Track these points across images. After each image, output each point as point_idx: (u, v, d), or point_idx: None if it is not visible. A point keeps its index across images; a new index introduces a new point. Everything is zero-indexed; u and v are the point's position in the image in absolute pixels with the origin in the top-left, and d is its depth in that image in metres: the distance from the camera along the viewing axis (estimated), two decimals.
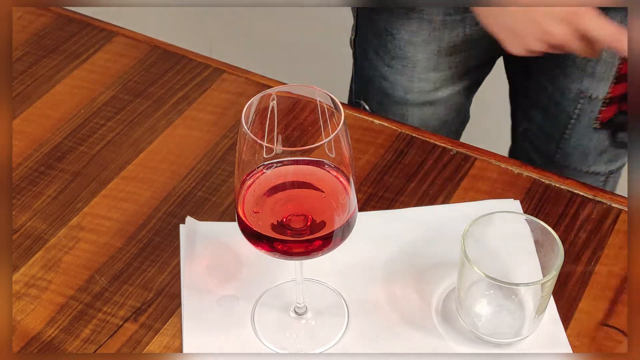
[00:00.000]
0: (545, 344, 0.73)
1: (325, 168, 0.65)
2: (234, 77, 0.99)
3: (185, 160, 0.89)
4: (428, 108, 1.10)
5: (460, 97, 1.11)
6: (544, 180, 0.86)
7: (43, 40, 1.04)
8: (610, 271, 0.78)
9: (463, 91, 1.11)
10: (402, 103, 1.10)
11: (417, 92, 1.08)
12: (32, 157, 0.90)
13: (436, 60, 1.04)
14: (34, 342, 0.74)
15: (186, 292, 0.77)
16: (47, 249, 0.81)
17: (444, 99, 1.10)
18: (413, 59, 1.05)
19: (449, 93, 1.09)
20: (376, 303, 0.76)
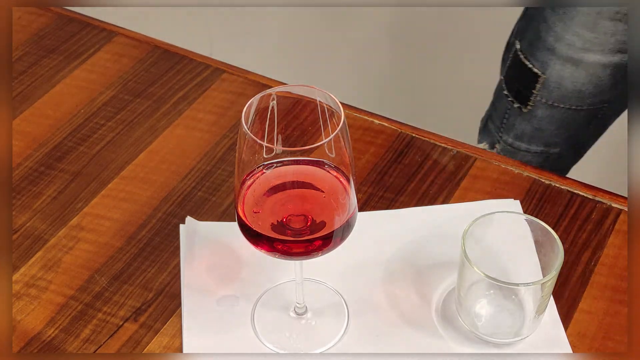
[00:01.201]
0: (545, 344, 0.73)
1: (325, 168, 0.65)
2: (234, 77, 0.99)
3: (185, 160, 0.89)
4: (569, 67, 1.07)
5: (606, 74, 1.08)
6: (544, 180, 0.86)
7: (43, 40, 1.04)
8: (610, 271, 0.78)
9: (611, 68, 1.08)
10: (549, 50, 1.08)
11: (565, 45, 1.06)
12: (32, 157, 0.90)
13: (594, 21, 1.02)
14: (34, 342, 0.74)
15: (186, 292, 0.77)
16: (47, 249, 0.81)
17: (589, 65, 1.07)
18: (570, 11, 1.03)
19: (596, 60, 1.06)
20: (376, 303, 0.76)
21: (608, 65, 1.07)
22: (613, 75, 1.08)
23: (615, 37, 1.04)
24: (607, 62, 1.07)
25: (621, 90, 1.11)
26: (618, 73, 1.08)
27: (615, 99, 1.12)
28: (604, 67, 1.07)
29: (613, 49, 1.05)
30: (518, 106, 1.13)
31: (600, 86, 1.09)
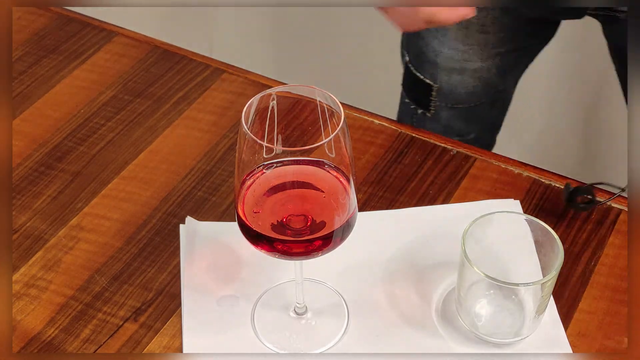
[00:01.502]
0: (545, 344, 0.73)
1: (325, 168, 0.65)
2: (234, 77, 0.99)
3: (185, 160, 0.89)
4: (456, 76, 1.11)
5: (490, 74, 1.12)
6: (544, 180, 0.86)
7: (43, 40, 1.04)
8: (610, 271, 0.78)
9: (495, 69, 1.11)
10: (432, 63, 1.11)
11: (445, 57, 1.09)
12: (32, 157, 0.90)
13: (466, 33, 1.06)
14: (34, 342, 0.74)
15: (186, 292, 0.77)
16: (47, 249, 0.81)
17: (474, 71, 1.11)
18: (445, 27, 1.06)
19: (479, 67, 1.10)
20: (376, 303, 0.76)
21: (491, 67, 1.11)
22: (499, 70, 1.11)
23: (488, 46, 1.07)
24: (489, 65, 1.10)
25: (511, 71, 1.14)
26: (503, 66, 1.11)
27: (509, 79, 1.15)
28: (487, 69, 1.11)
29: (490, 54, 1.09)
30: (422, 112, 1.17)
31: (491, 82, 1.13)
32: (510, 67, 1.13)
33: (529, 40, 1.09)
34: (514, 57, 1.12)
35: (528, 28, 1.07)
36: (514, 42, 1.08)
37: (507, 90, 1.18)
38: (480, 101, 1.15)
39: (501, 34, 1.06)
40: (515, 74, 1.17)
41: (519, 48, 1.10)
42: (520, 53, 1.12)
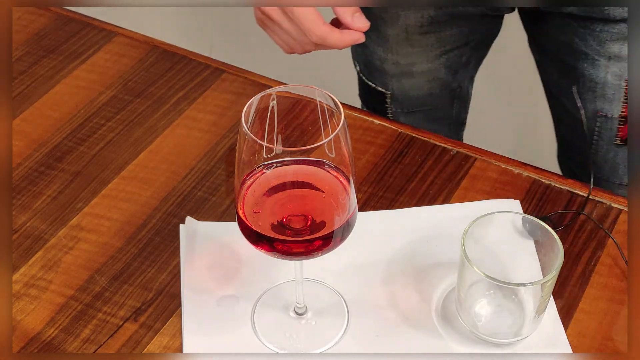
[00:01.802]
0: (545, 344, 0.73)
1: (325, 168, 0.65)
2: (234, 77, 0.99)
3: (185, 160, 0.89)
4: (406, 80, 1.11)
5: (442, 74, 1.12)
6: (544, 180, 0.86)
7: (43, 40, 1.04)
8: (610, 271, 0.78)
9: (444, 69, 1.11)
10: (381, 71, 1.12)
11: (392, 63, 1.09)
12: (32, 157, 0.90)
13: (406, 37, 1.06)
14: (34, 342, 0.74)
15: (186, 292, 0.77)
16: (47, 249, 0.81)
17: (423, 73, 1.11)
18: (384, 33, 1.07)
19: (427, 68, 1.10)
20: (376, 303, 0.76)
21: (439, 67, 1.11)
22: (448, 69, 1.11)
23: (431, 47, 1.07)
24: (437, 65, 1.10)
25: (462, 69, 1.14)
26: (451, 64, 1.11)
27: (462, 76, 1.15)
28: (436, 70, 1.11)
29: (435, 55, 1.09)
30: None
31: (444, 82, 1.13)
32: (459, 64, 1.13)
33: (471, 36, 1.09)
34: (461, 54, 1.11)
35: (467, 25, 1.07)
36: (456, 40, 1.08)
37: (463, 87, 1.18)
38: (438, 104, 1.15)
39: (441, 33, 1.06)
40: (468, 71, 1.17)
41: (462, 45, 1.10)
42: (467, 49, 1.12)
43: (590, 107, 1.02)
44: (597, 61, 0.99)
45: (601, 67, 0.99)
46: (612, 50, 0.97)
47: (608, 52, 0.97)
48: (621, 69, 0.98)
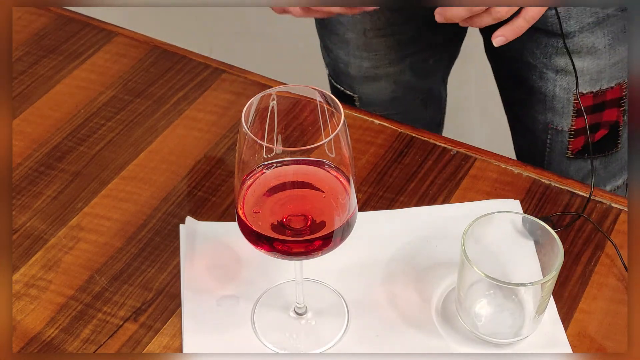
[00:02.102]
0: (545, 344, 0.73)
1: (325, 168, 0.65)
2: (234, 77, 0.99)
3: (185, 160, 0.89)
4: (372, 83, 1.11)
5: (408, 77, 1.12)
6: (544, 180, 0.86)
7: (43, 40, 1.04)
8: (610, 271, 0.78)
9: (409, 71, 1.11)
10: (346, 74, 1.12)
11: (355, 67, 1.10)
12: (32, 157, 0.90)
13: (365, 40, 1.06)
14: (34, 342, 0.74)
15: (186, 292, 0.77)
16: (47, 249, 0.81)
17: (387, 76, 1.11)
18: (344, 37, 1.07)
19: (391, 71, 1.10)
20: (376, 303, 0.76)
21: (404, 70, 1.11)
22: (414, 71, 1.11)
23: (391, 50, 1.07)
24: (401, 68, 1.10)
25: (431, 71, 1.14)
26: (417, 68, 1.11)
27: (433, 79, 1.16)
28: (401, 72, 1.11)
29: (397, 57, 1.09)
30: None
31: (410, 85, 1.13)
32: (427, 68, 1.13)
33: (433, 38, 1.08)
34: (427, 57, 1.11)
35: (426, 26, 1.06)
36: (417, 42, 1.08)
37: (434, 89, 1.18)
38: (409, 107, 1.15)
39: (400, 35, 1.06)
40: (438, 73, 1.16)
41: (426, 47, 1.10)
42: (432, 52, 1.11)
43: (541, 118, 1.03)
44: (545, 74, 0.99)
45: (549, 80, 1.00)
46: (558, 64, 0.98)
47: (555, 65, 0.98)
48: (569, 83, 0.99)
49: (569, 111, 1.01)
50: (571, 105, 1.00)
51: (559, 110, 1.01)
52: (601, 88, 0.99)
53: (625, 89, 1.00)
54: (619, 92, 1.00)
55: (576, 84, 0.92)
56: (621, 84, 1.00)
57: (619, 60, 0.98)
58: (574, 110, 1.00)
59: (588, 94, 0.99)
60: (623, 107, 1.02)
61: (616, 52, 0.97)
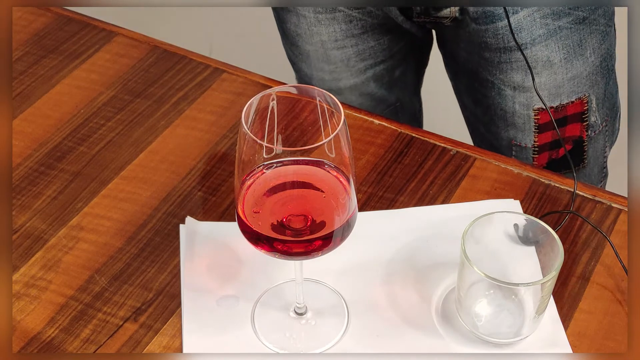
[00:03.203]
0: (545, 344, 0.73)
1: (325, 168, 0.65)
2: (234, 77, 0.99)
3: (185, 160, 0.89)
4: (337, 96, 1.10)
5: (372, 89, 1.11)
6: (544, 180, 0.86)
7: (43, 40, 1.04)
8: (610, 271, 0.78)
9: (373, 83, 1.10)
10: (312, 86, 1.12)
11: (318, 80, 1.10)
12: (32, 157, 0.90)
13: (324, 53, 1.06)
14: (34, 342, 0.74)
15: (186, 292, 0.77)
16: (47, 249, 0.81)
17: (350, 89, 1.10)
18: (303, 49, 1.07)
19: (353, 84, 1.10)
20: (376, 303, 0.76)
21: (367, 81, 1.10)
22: (379, 83, 1.10)
23: (351, 62, 1.07)
24: (363, 80, 1.10)
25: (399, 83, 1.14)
26: (381, 79, 1.11)
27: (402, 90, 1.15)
28: (364, 84, 1.10)
29: (359, 69, 1.08)
30: None
31: (377, 97, 1.12)
32: (392, 79, 1.12)
33: (394, 47, 1.08)
34: (391, 67, 1.10)
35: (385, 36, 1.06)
36: (377, 53, 1.07)
37: (404, 101, 1.17)
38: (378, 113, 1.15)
39: (358, 47, 1.05)
40: (407, 84, 1.15)
41: (388, 58, 1.09)
42: (395, 62, 1.10)
43: (504, 135, 1.03)
44: (503, 91, 0.99)
45: (507, 97, 0.99)
46: (515, 80, 0.98)
47: (512, 81, 0.98)
48: (527, 99, 0.99)
49: (531, 127, 1.01)
50: (532, 121, 1.00)
51: (521, 126, 1.01)
52: (561, 103, 0.99)
53: (586, 104, 1.00)
54: (580, 107, 1.00)
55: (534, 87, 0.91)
56: (582, 98, 0.99)
57: (577, 75, 0.98)
58: (536, 125, 1.00)
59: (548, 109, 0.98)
60: (586, 122, 1.02)
61: (573, 66, 0.97)
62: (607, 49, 1.00)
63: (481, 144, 1.11)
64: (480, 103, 1.04)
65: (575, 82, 0.98)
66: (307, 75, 1.10)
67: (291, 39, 1.08)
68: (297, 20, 1.03)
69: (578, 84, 0.98)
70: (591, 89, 1.00)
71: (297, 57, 1.10)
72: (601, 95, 1.02)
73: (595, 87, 1.00)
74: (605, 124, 1.05)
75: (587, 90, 0.99)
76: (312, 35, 1.04)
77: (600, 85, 1.01)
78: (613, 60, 1.03)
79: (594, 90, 1.00)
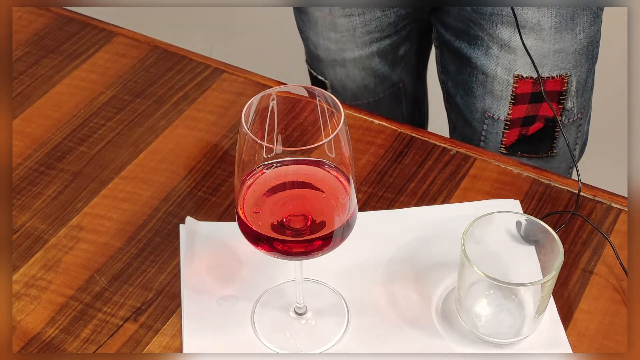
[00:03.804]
0: (545, 344, 0.73)
1: (325, 168, 0.65)
2: (234, 77, 0.99)
3: (185, 160, 0.89)
4: (340, 68, 1.10)
5: (376, 64, 1.10)
6: (544, 180, 0.86)
7: (43, 40, 1.04)
8: (610, 271, 0.78)
9: (377, 58, 1.10)
10: (317, 58, 1.11)
11: (324, 49, 1.09)
12: (32, 157, 0.90)
13: (332, 20, 1.05)
14: (34, 342, 0.74)
15: (186, 292, 0.77)
16: (47, 249, 0.81)
17: (354, 61, 1.10)
18: (312, 16, 1.07)
19: (358, 56, 1.09)
20: (376, 303, 0.76)
21: (371, 56, 1.09)
22: (383, 59, 1.10)
23: (357, 32, 1.06)
24: (368, 53, 1.09)
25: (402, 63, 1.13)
26: (386, 55, 1.10)
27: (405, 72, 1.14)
28: (368, 58, 1.09)
29: (364, 41, 1.07)
30: None
31: (380, 74, 1.12)
32: (396, 56, 1.11)
33: (400, 23, 1.07)
34: (395, 44, 1.09)
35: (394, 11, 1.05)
36: (383, 26, 1.06)
37: (406, 84, 1.16)
38: (381, 100, 1.14)
39: (365, 15, 1.04)
40: (409, 65, 1.15)
41: (393, 33, 1.08)
42: (400, 39, 1.10)
43: (480, 106, 1.02)
44: (489, 49, 0.98)
45: (492, 57, 0.98)
46: (503, 36, 0.96)
47: (499, 38, 0.97)
48: (510, 62, 0.97)
49: (507, 96, 0.99)
50: (510, 88, 0.99)
51: (498, 94, 1.00)
52: (542, 75, 0.98)
53: (566, 84, 0.99)
54: (559, 85, 0.99)
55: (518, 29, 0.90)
56: (563, 76, 0.99)
57: (563, 49, 0.97)
58: (512, 95, 0.99)
59: (528, 79, 0.98)
60: (562, 105, 1.01)
61: (561, 38, 0.96)
62: (595, 32, 0.99)
63: (455, 118, 1.10)
64: (464, 68, 1.02)
65: (561, 57, 0.97)
66: (314, 43, 1.10)
67: (300, 6, 1.07)
68: None
69: (563, 60, 0.97)
70: (574, 69, 0.99)
71: (305, 24, 1.09)
72: (582, 80, 1.01)
73: (578, 68, 0.99)
74: (580, 116, 1.04)
75: (570, 70, 0.99)
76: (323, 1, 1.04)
77: (583, 69, 1.00)
78: (597, 48, 1.02)
79: (576, 72, 0.99)
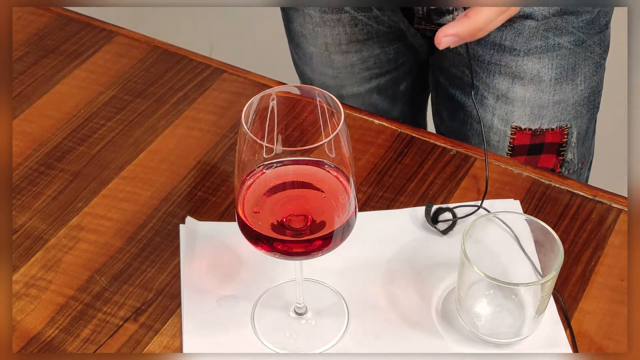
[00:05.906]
0: (545, 344, 0.73)
1: (325, 168, 0.65)
2: (234, 77, 0.99)
3: (185, 160, 0.89)
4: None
5: (375, 100, 1.09)
6: (544, 180, 0.86)
7: (43, 40, 1.04)
8: (610, 271, 0.78)
9: (377, 95, 1.09)
10: None
11: (320, 85, 1.08)
12: (32, 157, 0.90)
13: (328, 57, 1.05)
14: (34, 342, 0.74)
15: (186, 292, 0.77)
16: (47, 249, 0.81)
17: (353, 97, 1.09)
18: (307, 51, 1.06)
19: (357, 92, 1.08)
20: (376, 303, 0.76)
21: (370, 92, 1.08)
22: (382, 95, 1.09)
23: (355, 69, 1.05)
24: (367, 90, 1.08)
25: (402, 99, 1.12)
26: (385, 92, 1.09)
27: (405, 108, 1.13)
28: (367, 95, 1.09)
29: (363, 78, 1.07)
30: None
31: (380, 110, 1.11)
32: (396, 92, 1.10)
33: (399, 59, 1.06)
34: (396, 80, 1.09)
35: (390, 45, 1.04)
36: (382, 62, 1.05)
37: (410, 117, 1.15)
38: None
39: (362, 53, 1.03)
40: (412, 101, 1.13)
41: (392, 69, 1.07)
42: (400, 75, 1.09)
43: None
44: (485, 99, 0.97)
45: (488, 107, 0.97)
46: (500, 87, 0.95)
47: (496, 88, 0.95)
48: (507, 113, 0.96)
49: (505, 147, 0.98)
50: (507, 140, 0.97)
51: (495, 144, 0.98)
52: (541, 127, 0.96)
53: (566, 136, 0.97)
54: (559, 137, 0.97)
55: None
56: (563, 127, 0.96)
57: (563, 100, 0.95)
58: (510, 146, 0.98)
59: (526, 130, 0.96)
60: (562, 157, 0.99)
61: (561, 89, 0.94)
62: (597, 82, 0.97)
63: None
64: (458, 115, 1.01)
65: (560, 108, 0.95)
66: (310, 79, 1.09)
67: (296, 40, 1.07)
68: (302, 19, 1.03)
69: (562, 111, 0.96)
70: (574, 120, 0.97)
71: (300, 59, 1.09)
72: (583, 131, 0.99)
73: (579, 119, 0.98)
74: (581, 165, 1.02)
75: (571, 121, 0.97)
76: (317, 36, 1.03)
77: (584, 120, 0.98)
78: (599, 98, 0.99)
79: (576, 123, 0.98)
